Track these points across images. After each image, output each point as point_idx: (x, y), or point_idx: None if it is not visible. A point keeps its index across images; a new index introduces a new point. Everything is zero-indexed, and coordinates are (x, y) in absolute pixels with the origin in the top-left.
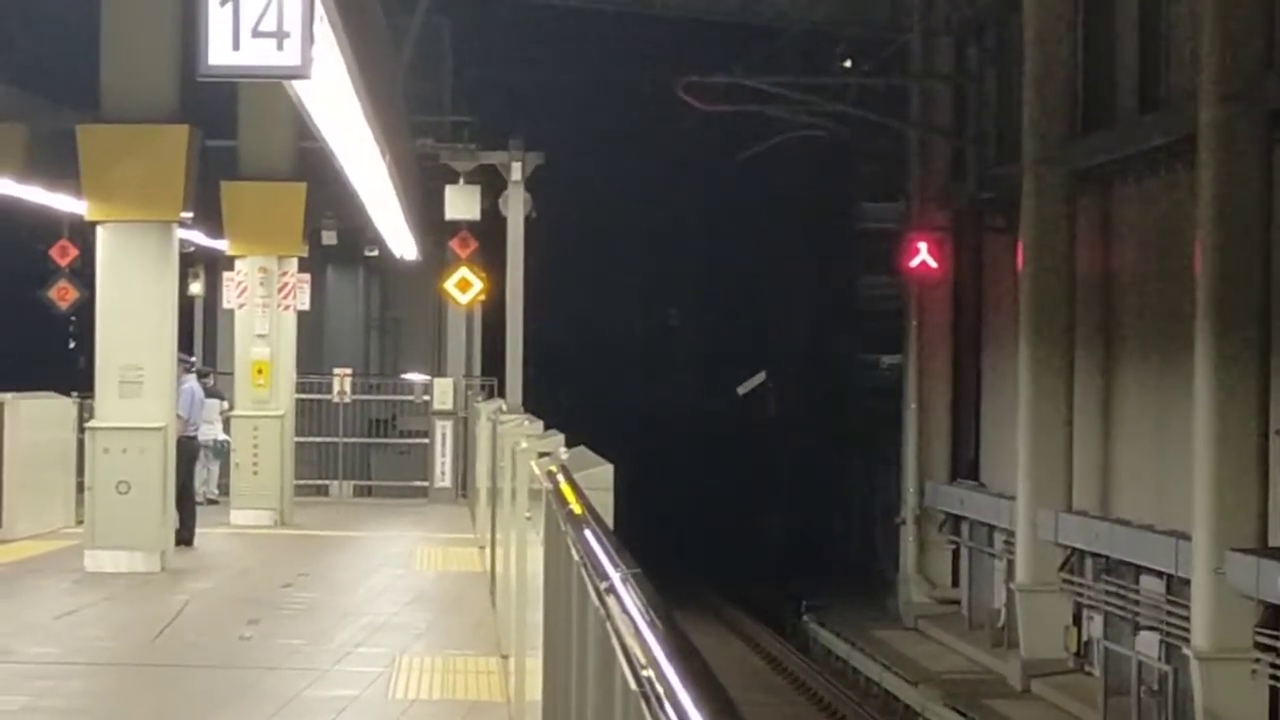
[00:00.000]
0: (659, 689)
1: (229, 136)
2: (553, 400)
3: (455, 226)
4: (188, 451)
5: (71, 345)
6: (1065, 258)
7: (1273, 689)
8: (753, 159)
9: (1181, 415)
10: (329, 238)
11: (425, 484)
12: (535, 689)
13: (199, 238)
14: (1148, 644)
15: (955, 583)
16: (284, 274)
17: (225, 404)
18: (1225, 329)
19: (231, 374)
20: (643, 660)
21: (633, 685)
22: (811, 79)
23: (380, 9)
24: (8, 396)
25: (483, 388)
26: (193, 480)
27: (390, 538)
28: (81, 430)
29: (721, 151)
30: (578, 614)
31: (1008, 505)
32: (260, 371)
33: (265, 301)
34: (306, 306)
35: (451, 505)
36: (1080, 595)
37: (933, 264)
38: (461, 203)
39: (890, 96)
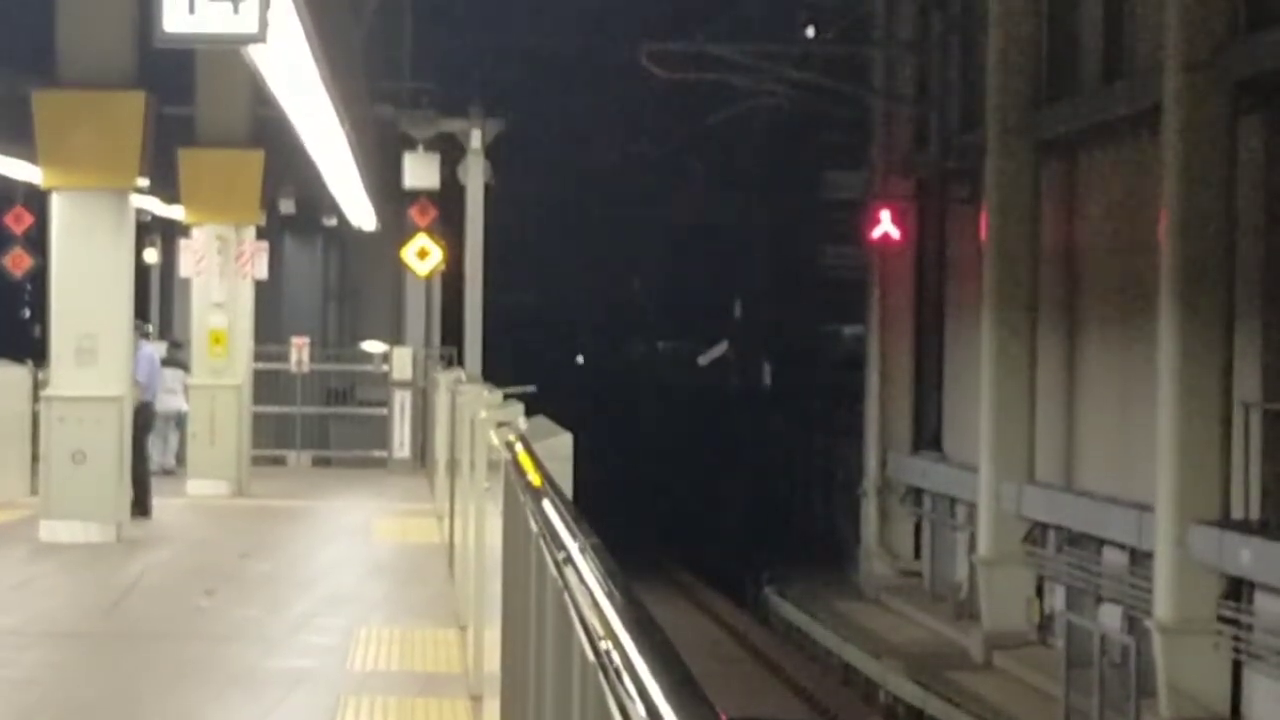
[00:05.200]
0: (617, 660)
1: (186, 103)
2: (514, 371)
3: (414, 195)
4: (143, 419)
5: (26, 314)
6: (1029, 227)
7: (1235, 661)
8: (715, 127)
9: (1145, 386)
10: (287, 206)
11: (384, 454)
12: (493, 660)
13: (156, 206)
14: (1110, 616)
15: (917, 555)
16: (241, 242)
17: (189, 375)
18: (1190, 300)
19: (189, 343)
20: (600, 632)
21: (590, 657)
22: (774, 46)
23: None
24: None
25: (442, 357)
26: (146, 448)
27: (348, 508)
28: (37, 400)
29: (684, 120)
30: (536, 585)
31: (970, 477)
32: (217, 341)
33: (222, 270)
34: (264, 275)
35: (410, 476)
36: (1043, 568)
37: (895, 234)
38: (420, 171)
39: (853, 64)
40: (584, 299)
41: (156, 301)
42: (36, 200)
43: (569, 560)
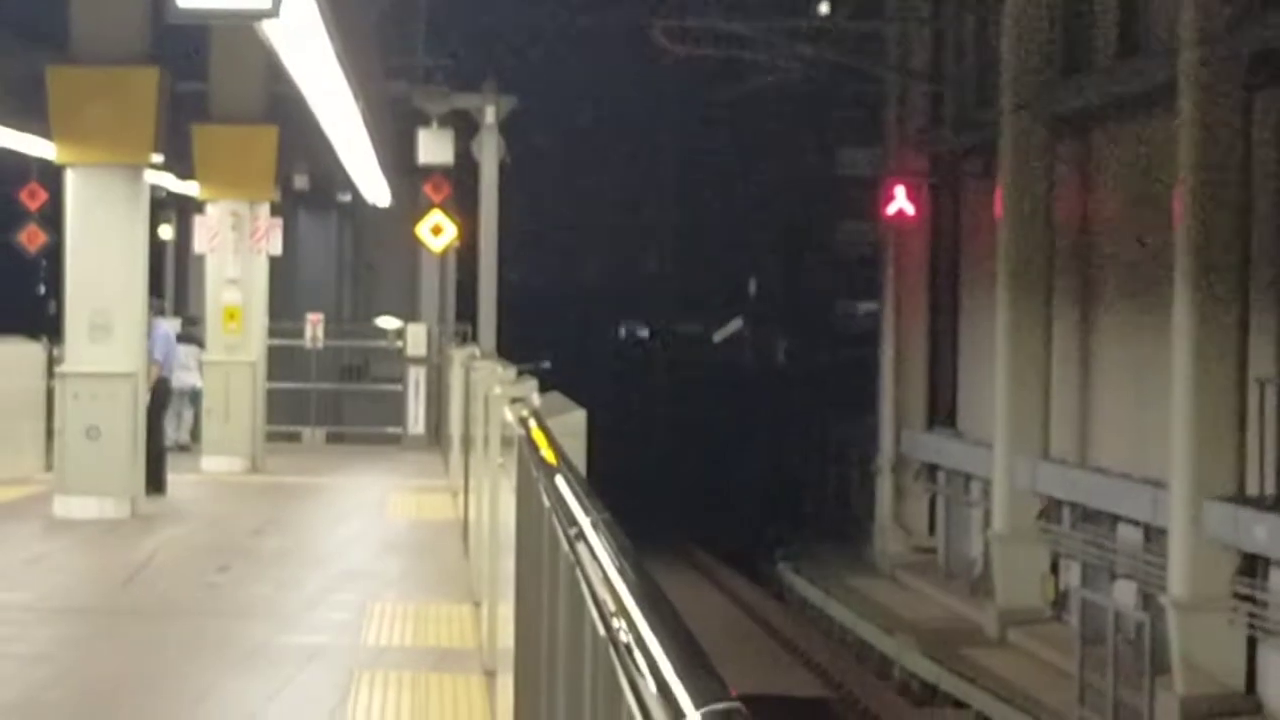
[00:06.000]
0: (628, 636)
1: (200, 79)
2: (529, 347)
3: (428, 171)
4: (160, 396)
5: (42, 290)
6: (1044, 203)
7: (1250, 638)
8: (729, 104)
9: (1160, 362)
10: (301, 182)
11: (398, 430)
12: (507, 636)
13: (170, 182)
14: (1125, 593)
15: (932, 531)
16: (256, 218)
17: (203, 351)
18: (1205, 275)
19: (203, 320)
20: (612, 607)
21: (602, 632)
22: (789, 22)
23: None
24: None
25: (456, 333)
26: (162, 424)
27: (363, 484)
28: (51, 376)
29: (698, 96)
30: (549, 561)
31: (985, 453)
32: (232, 317)
33: (237, 246)
34: (278, 251)
35: (424, 452)
36: (1057, 544)
37: (910, 210)
38: (434, 147)
39: (868, 40)
40: (597, 274)
41: (171, 278)
42: (51, 176)
43: (581, 536)
